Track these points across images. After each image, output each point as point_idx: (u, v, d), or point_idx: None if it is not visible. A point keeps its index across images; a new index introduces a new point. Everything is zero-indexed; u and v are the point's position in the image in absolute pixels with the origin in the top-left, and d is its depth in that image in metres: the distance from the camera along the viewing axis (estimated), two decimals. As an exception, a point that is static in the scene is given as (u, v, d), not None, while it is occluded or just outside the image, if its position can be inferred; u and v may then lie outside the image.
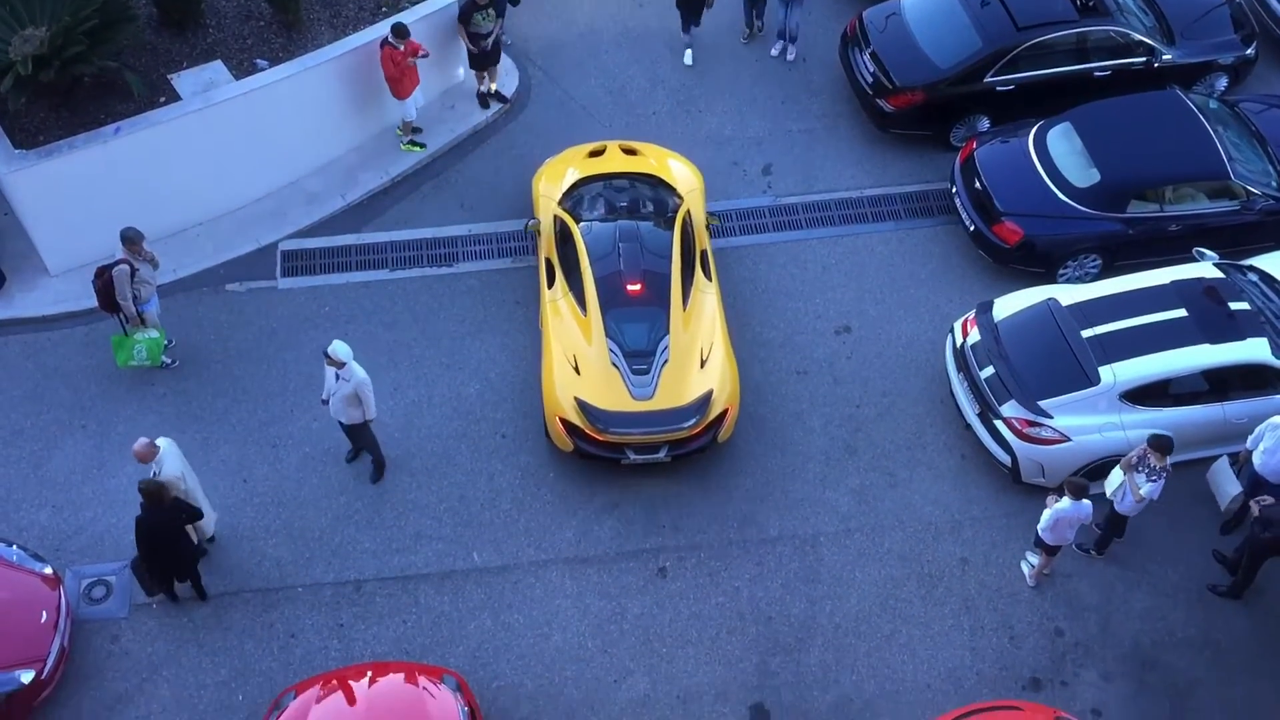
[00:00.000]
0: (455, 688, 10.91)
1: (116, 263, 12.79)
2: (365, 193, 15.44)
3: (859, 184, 15.76)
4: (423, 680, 10.86)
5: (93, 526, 12.56)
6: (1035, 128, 14.87)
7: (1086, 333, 12.75)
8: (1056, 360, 12.67)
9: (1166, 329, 12.63)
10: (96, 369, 13.73)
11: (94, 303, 13.31)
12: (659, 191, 14.23)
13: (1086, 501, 11.57)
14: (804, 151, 16.04)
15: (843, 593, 12.41)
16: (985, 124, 15.83)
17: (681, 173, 14.69)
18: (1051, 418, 12.49)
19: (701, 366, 12.78)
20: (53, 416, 13.37)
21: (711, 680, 11.87)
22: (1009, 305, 13.36)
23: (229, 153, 14.53)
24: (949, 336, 13.75)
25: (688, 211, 13.93)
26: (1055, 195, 14.31)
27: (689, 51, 16.75)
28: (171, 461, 11.50)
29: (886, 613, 12.29)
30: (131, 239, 12.77)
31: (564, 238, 13.69)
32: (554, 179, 14.48)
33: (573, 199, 14.10)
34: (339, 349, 11.88)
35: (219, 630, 12.02)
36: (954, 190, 15.11)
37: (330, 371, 12.08)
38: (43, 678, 11.23)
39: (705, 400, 12.61)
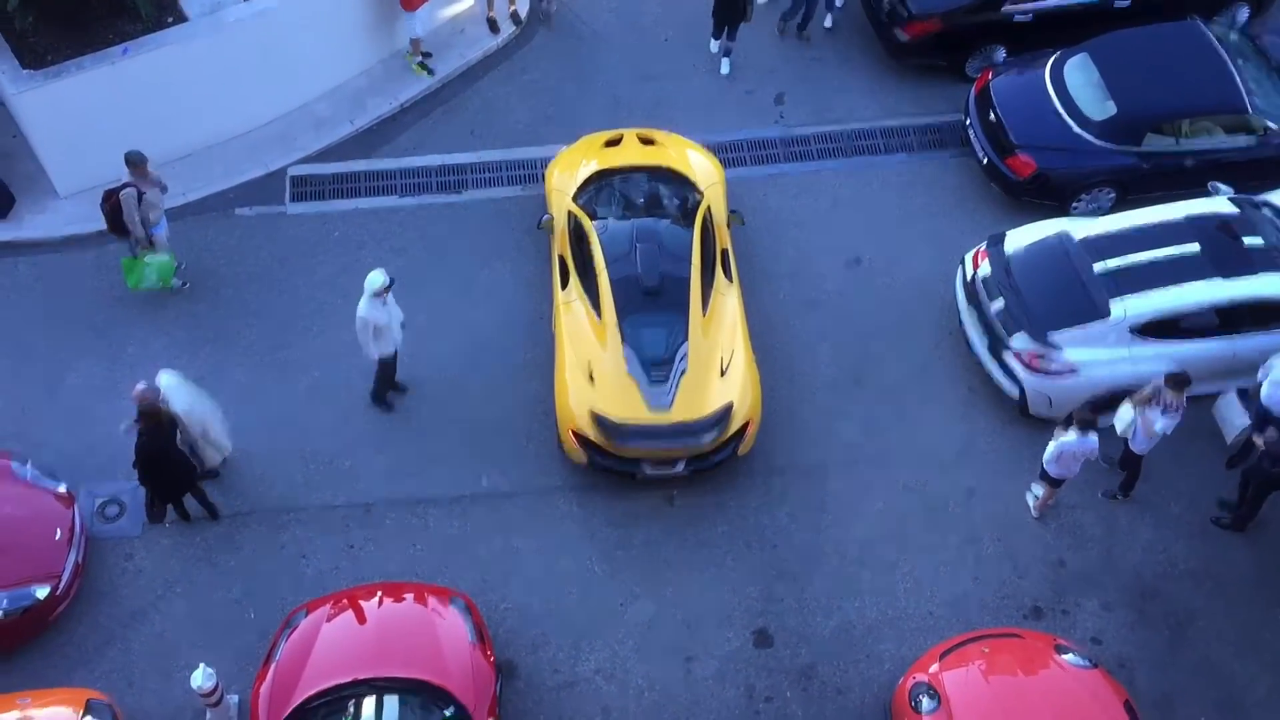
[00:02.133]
0: (464, 609, 11.12)
1: (123, 186, 12.82)
2: (374, 118, 15.41)
3: (872, 115, 15.69)
4: (432, 600, 11.06)
5: (106, 446, 12.69)
6: (1052, 59, 14.76)
7: (1098, 266, 12.77)
8: (1067, 293, 12.71)
9: (1179, 263, 12.64)
10: (107, 291, 13.82)
11: (104, 225, 13.35)
12: (678, 186, 13.67)
13: (1093, 435, 11.67)
14: (817, 81, 15.95)
15: (848, 521, 12.57)
16: (1001, 55, 15.71)
17: (702, 166, 14.07)
18: (1060, 350, 12.55)
19: (722, 375, 12.34)
20: (65, 338, 13.48)
21: (716, 605, 12.08)
22: (1021, 238, 13.37)
23: (237, 75, 14.49)
24: (960, 269, 13.78)
25: (708, 208, 13.41)
26: (1070, 128, 14.24)
27: (726, 61, 15.83)
28: (178, 397, 11.57)
29: (891, 542, 12.45)
30: (136, 162, 12.78)
31: (578, 236, 13.15)
32: (568, 172, 13.91)
33: (588, 194, 13.55)
34: (380, 274, 11.87)
35: (231, 550, 12.22)
36: (968, 122, 15.04)
37: (379, 307, 12.03)
38: (58, 593, 11.47)
39: (725, 413, 12.16)
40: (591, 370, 12.35)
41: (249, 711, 10.79)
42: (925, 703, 10.71)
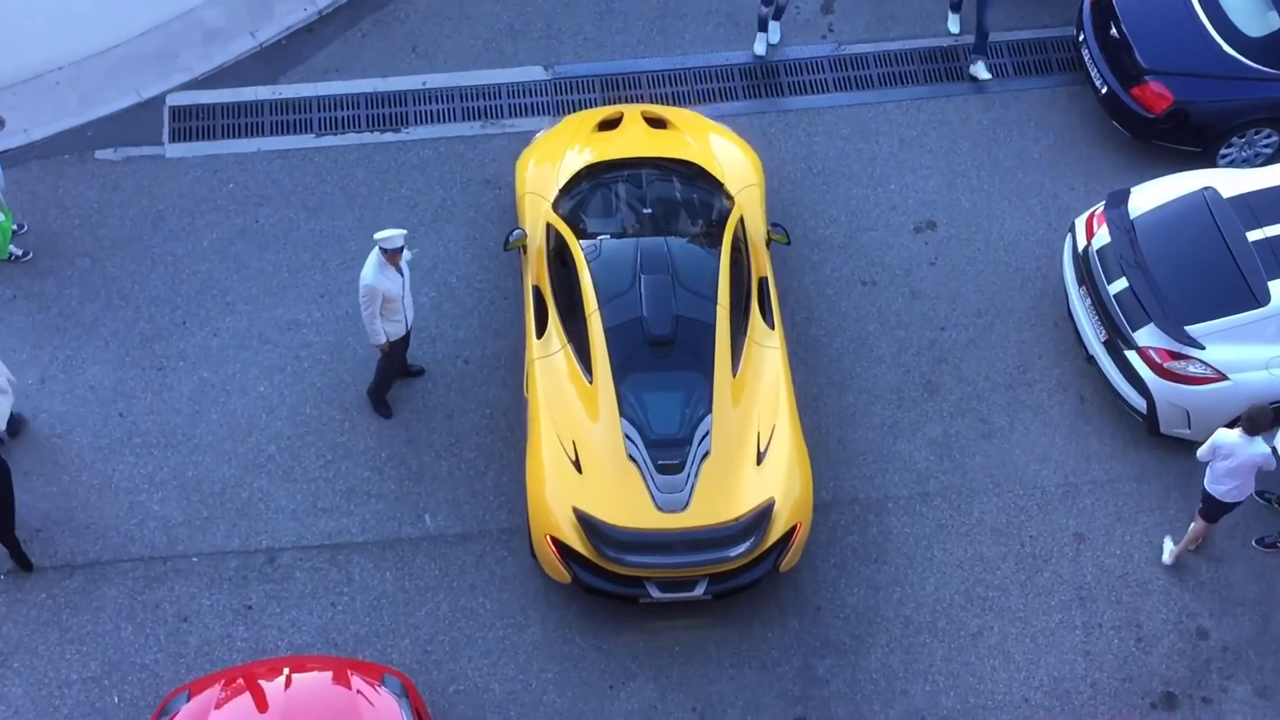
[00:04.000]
0: (400, 691, 11.11)
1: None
2: (283, 29, 15.44)
3: (950, 29, 15.67)
4: (357, 681, 11.03)
5: (-81, 471, 12.77)
6: (1195, -46, 14.80)
7: (1254, 234, 12.79)
8: (1213, 271, 12.73)
9: (1363, 232, 12.72)
10: (-78, 262, 13.88)
11: (-82, 173, 13.39)
12: (700, 189, 13.15)
13: (1261, 444, 11.64)
14: (879, -17, 16.01)
15: (916, 577, 12.61)
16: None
17: (732, 159, 13.63)
18: (1203, 349, 12.57)
19: (759, 462, 11.88)
20: None
21: (740, 688, 12.10)
22: (1151, 196, 13.39)
23: (99, -29, 14.53)
24: (1068, 238, 13.79)
25: (740, 221, 12.88)
26: (1219, 47, 14.28)
27: (761, 38, 15.48)
28: None
29: (973, 604, 12.49)
30: None
31: (561, 259, 12.69)
32: (547, 167, 13.47)
33: (573, 199, 13.06)
34: (395, 232, 11.95)
35: (88, 611, 12.24)
36: (1081, 39, 15.08)
37: (391, 275, 12.09)
38: None
39: (762, 516, 11.69)
40: (577, 453, 11.93)
41: (110, 828, 10.82)
42: (1018, 821, 10.72)
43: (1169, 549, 12.62)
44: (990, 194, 14.68)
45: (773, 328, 12.62)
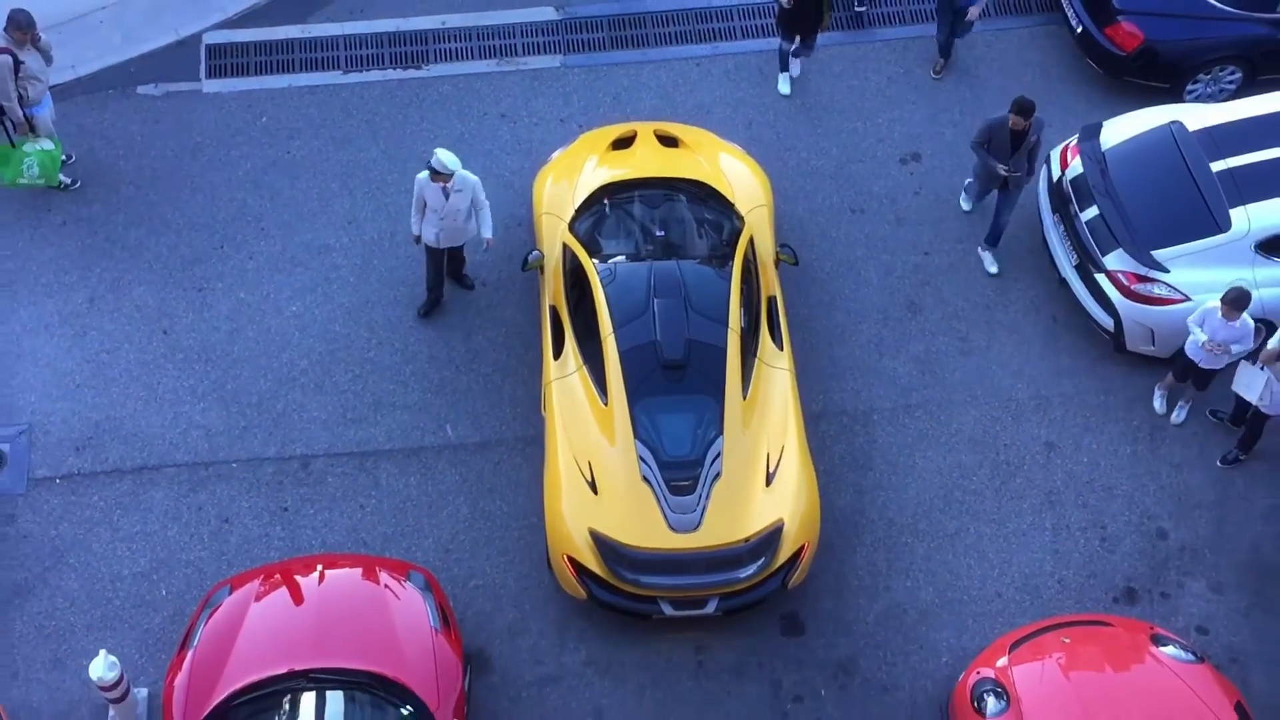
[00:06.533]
0: (424, 586, 11.22)
1: (-4, 54, 12.75)
2: (311, -28, 15.32)
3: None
4: (384, 576, 11.15)
5: (-20, 384, 12.83)
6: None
7: (1217, 165, 12.71)
8: (1178, 199, 12.68)
9: (1319, 163, 12.63)
10: (-22, 190, 13.83)
11: (-29, 109, 13.28)
12: (711, 209, 12.69)
13: (1246, 319, 11.70)
14: (869, -72, 15.78)
15: (899, 482, 12.65)
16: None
17: (742, 179, 13.14)
18: (1168, 271, 12.54)
19: (768, 484, 11.49)
20: (-74, 248, 13.52)
21: (735, 583, 12.17)
22: (1121, 129, 13.32)
23: (138, -83, 14.37)
24: (1044, 168, 13.72)
25: (750, 241, 12.45)
26: (1187, -11, 14.14)
27: (784, 76, 14.76)
28: None
29: (952, 507, 12.54)
30: (22, 25, 12.67)
31: (577, 280, 12.23)
32: (564, 185, 13.04)
33: (589, 219, 12.60)
34: (448, 158, 11.90)
35: (137, 512, 12.31)
36: (1058, -19, 14.92)
37: (434, 190, 12.10)
38: (-76, 564, 11.57)
39: (772, 537, 11.32)
40: (593, 474, 11.51)
41: (161, 708, 10.90)
42: (991, 703, 10.80)
43: (1159, 402, 12.90)
44: (971, 128, 14.53)
45: (781, 348, 12.18)
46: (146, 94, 14.55)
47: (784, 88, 14.75)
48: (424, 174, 12.20)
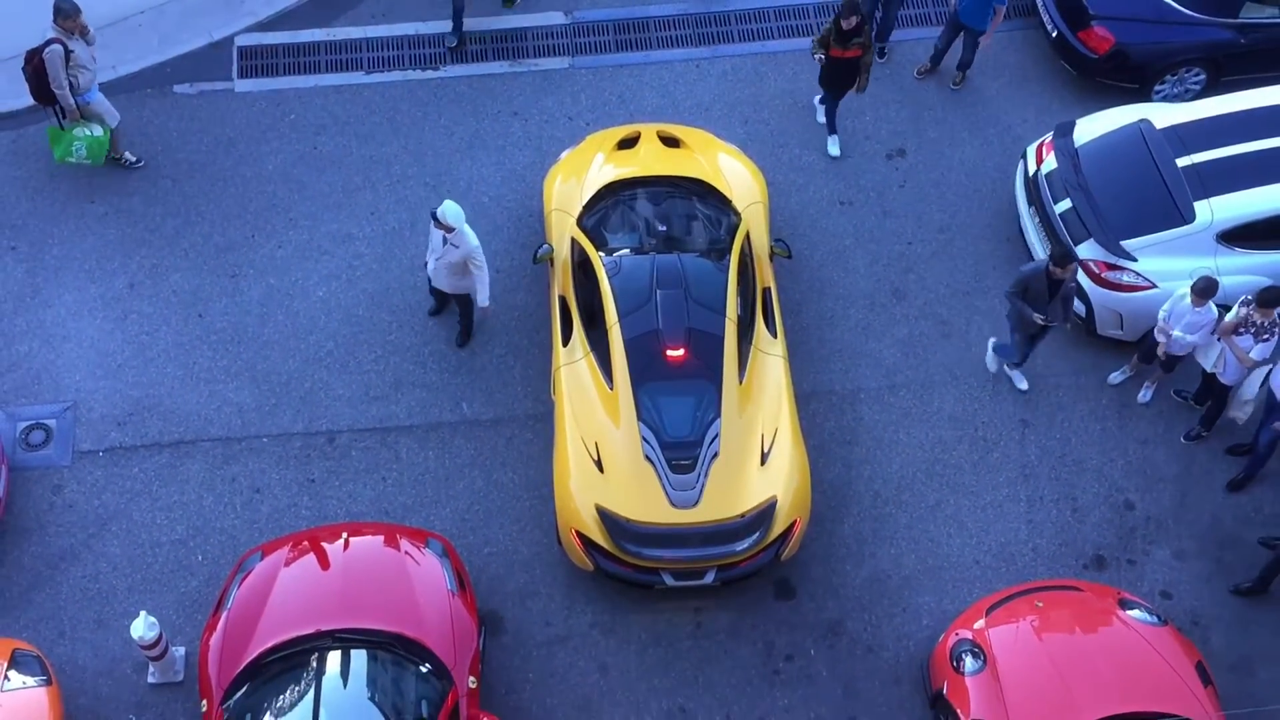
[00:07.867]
0: (441, 552, 11.37)
1: (47, 43, 12.83)
2: (335, -22, 15.40)
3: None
4: (405, 543, 11.30)
5: (28, 363, 12.97)
6: (1137, -88, 14.67)
7: (1182, 161, 12.81)
8: (1145, 193, 12.78)
9: (1278, 158, 12.69)
10: (26, 182, 13.96)
11: (20, 103, 13.43)
12: (710, 206, 12.74)
13: (1211, 306, 11.83)
14: (859, -63, 15.85)
15: (883, 457, 12.79)
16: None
17: (739, 177, 13.24)
18: (1135, 260, 12.66)
19: (762, 463, 11.58)
20: (-23, 237, 13.68)
21: (731, 550, 12.33)
22: (1093, 127, 13.41)
23: (174, -74, 14.48)
24: (1020, 163, 13.83)
25: (747, 236, 12.55)
26: (1157, -5, 14.16)
27: (834, 139, 14.49)
28: None
29: (932, 480, 12.69)
30: (69, 13, 12.74)
31: (584, 271, 12.33)
32: (572, 183, 13.12)
33: (595, 215, 12.66)
34: (450, 211, 11.70)
35: (174, 483, 12.49)
36: (1036, -12, 14.98)
37: (437, 234, 12.08)
38: (-22, 530, 11.75)
39: (766, 513, 11.44)
40: (599, 454, 11.62)
41: (197, 665, 11.06)
42: (969, 662, 10.93)
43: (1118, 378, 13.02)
44: (953, 125, 14.71)
45: (775, 336, 12.28)
46: (183, 93, 14.69)
47: (834, 149, 14.47)
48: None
